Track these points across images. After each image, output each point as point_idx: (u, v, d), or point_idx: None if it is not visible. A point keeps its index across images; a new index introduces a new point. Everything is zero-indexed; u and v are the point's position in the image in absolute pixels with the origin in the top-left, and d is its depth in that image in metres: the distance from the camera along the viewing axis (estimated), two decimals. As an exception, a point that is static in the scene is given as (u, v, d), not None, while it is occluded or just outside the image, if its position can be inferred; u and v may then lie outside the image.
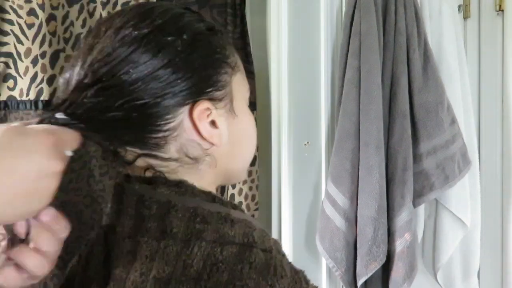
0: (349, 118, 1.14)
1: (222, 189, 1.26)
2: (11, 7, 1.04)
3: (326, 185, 1.17)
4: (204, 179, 0.50)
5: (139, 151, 0.46)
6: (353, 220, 1.13)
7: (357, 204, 1.12)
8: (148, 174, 0.47)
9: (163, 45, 0.45)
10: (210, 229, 0.43)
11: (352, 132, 1.13)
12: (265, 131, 1.30)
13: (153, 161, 0.47)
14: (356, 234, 1.13)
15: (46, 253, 0.42)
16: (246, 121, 0.54)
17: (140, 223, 0.45)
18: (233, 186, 1.28)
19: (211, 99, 0.47)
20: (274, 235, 1.27)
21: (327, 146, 1.25)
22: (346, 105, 1.14)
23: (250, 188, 1.30)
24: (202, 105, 0.46)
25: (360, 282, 1.10)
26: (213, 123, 0.48)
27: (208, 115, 0.47)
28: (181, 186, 0.46)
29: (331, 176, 1.15)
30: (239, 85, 0.52)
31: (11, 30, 1.04)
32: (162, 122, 0.45)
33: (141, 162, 0.48)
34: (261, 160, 1.31)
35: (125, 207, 0.47)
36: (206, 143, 0.48)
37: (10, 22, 1.04)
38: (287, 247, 1.21)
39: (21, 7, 1.03)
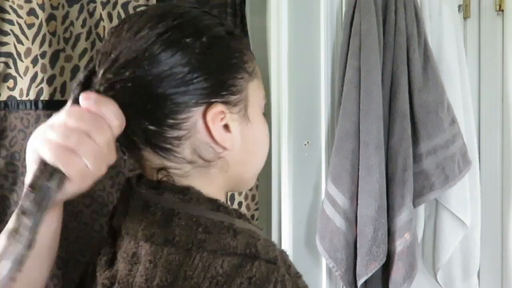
0: (349, 118, 1.14)
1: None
2: (11, 7, 1.04)
3: (326, 185, 1.17)
4: (214, 184, 0.50)
5: (155, 149, 0.47)
6: (353, 220, 1.13)
7: (357, 204, 1.12)
8: (160, 176, 0.48)
9: (182, 46, 0.45)
10: (212, 239, 0.43)
11: (352, 132, 1.13)
12: (265, 131, 1.30)
13: (167, 162, 0.48)
14: (356, 234, 1.13)
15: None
16: (260, 128, 0.54)
17: (145, 228, 0.45)
18: (233, 186, 1.28)
19: (226, 103, 0.48)
20: (274, 235, 1.27)
21: (327, 146, 1.25)
22: (346, 105, 1.14)
23: (250, 188, 1.30)
24: (216, 108, 0.47)
25: (360, 282, 1.10)
26: (226, 127, 0.48)
27: (222, 119, 0.47)
28: (187, 193, 0.47)
29: (331, 176, 1.15)
30: (255, 92, 0.52)
31: (11, 30, 1.04)
32: (177, 120, 0.45)
33: (156, 162, 0.48)
34: (261, 160, 1.31)
35: (132, 210, 0.47)
36: (218, 146, 0.48)
37: (10, 22, 1.04)
38: (287, 247, 1.21)
39: (21, 7, 1.03)
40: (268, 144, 0.57)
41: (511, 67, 1.34)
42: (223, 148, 0.48)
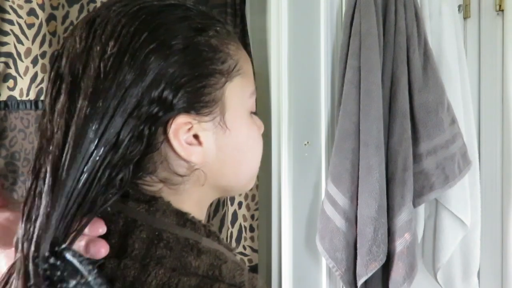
0: (349, 118, 1.14)
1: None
2: (11, 7, 1.04)
3: (326, 185, 1.17)
4: (190, 200, 0.46)
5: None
6: (353, 220, 1.13)
7: (357, 204, 1.12)
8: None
9: (136, 57, 0.39)
10: (172, 256, 0.40)
11: (352, 132, 1.13)
12: (265, 131, 1.29)
13: (139, 181, 0.44)
14: (356, 234, 1.13)
15: None
16: (244, 134, 0.47)
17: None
18: (233, 186, 1.28)
19: (194, 113, 0.42)
20: (274, 235, 1.27)
21: (327, 146, 1.25)
22: (346, 105, 1.14)
23: (250, 188, 1.30)
24: (178, 120, 0.41)
25: (360, 282, 1.10)
26: (196, 137, 0.43)
27: (189, 129, 0.42)
28: (153, 204, 0.42)
29: (331, 176, 1.15)
30: (236, 93, 0.45)
31: (11, 30, 1.04)
32: (145, 146, 0.40)
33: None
34: (261, 160, 1.31)
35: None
36: (184, 161, 0.43)
37: (10, 22, 1.04)
38: (287, 247, 1.21)
39: (21, 7, 1.03)
40: (260, 147, 0.51)
41: (511, 67, 1.34)
42: (189, 162, 0.43)
